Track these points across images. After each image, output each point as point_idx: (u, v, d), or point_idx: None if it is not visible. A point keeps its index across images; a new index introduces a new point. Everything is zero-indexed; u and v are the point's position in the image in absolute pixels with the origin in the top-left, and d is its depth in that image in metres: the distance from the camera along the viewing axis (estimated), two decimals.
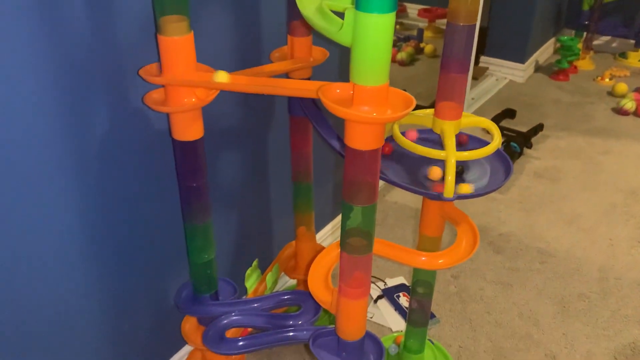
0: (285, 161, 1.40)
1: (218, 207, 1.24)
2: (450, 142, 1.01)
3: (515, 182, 2.12)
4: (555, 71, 2.99)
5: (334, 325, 0.97)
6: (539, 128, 2.40)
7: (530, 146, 2.30)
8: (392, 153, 1.13)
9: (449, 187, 0.98)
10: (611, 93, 2.80)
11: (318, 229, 1.67)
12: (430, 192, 1.00)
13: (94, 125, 0.93)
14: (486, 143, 1.06)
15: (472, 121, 1.09)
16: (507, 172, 1.07)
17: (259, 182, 1.38)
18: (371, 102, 0.70)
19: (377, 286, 1.62)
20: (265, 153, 1.36)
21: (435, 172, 1.05)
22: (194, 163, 0.97)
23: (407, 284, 1.63)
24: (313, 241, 1.43)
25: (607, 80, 2.93)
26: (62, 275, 0.97)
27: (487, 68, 2.99)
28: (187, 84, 0.88)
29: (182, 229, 1.15)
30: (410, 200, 2.01)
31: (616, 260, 1.73)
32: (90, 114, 0.92)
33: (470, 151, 1.01)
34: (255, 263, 1.31)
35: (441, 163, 1.08)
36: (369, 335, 0.98)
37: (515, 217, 1.93)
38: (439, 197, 1.00)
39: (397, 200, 2.01)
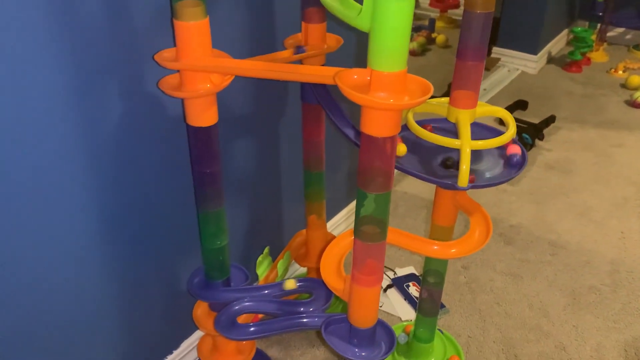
0: (297, 149, 1.40)
1: (230, 194, 1.25)
2: (465, 131, 1.00)
3: (527, 173, 2.11)
4: (568, 63, 2.97)
5: (345, 313, 0.97)
6: (550, 120, 2.38)
7: (542, 138, 2.29)
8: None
9: (463, 177, 0.97)
10: (624, 85, 2.78)
11: (330, 217, 1.67)
12: (443, 181, 1.00)
13: (108, 110, 0.93)
14: (500, 133, 1.06)
15: (486, 110, 1.08)
16: (523, 160, 1.07)
17: (270, 170, 1.38)
18: (388, 89, 0.70)
19: (387, 276, 1.62)
20: (278, 141, 1.36)
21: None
22: (208, 149, 0.97)
23: (417, 274, 1.63)
24: (324, 229, 1.43)
25: (620, 72, 2.90)
26: (75, 262, 0.98)
27: (499, 59, 2.96)
28: (202, 69, 0.87)
29: (195, 215, 1.16)
30: (421, 190, 2.00)
31: (627, 253, 1.72)
32: (104, 98, 0.92)
33: (485, 140, 1.01)
34: (266, 250, 1.31)
35: (455, 152, 1.08)
36: (380, 323, 0.99)
37: (526, 209, 1.92)
38: (452, 187, 0.99)
39: (407, 190, 2.01)
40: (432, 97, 1.11)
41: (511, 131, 1.03)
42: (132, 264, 1.09)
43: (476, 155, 1.08)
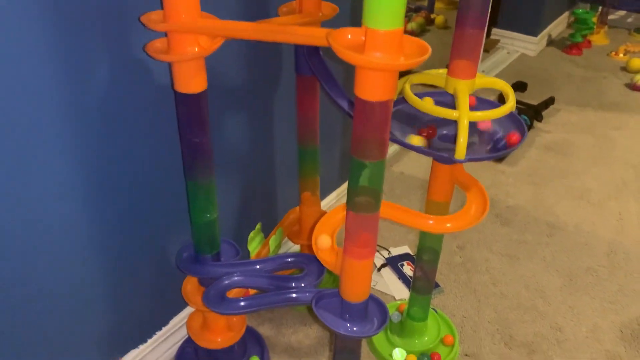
0: (291, 123, 1.37)
1: (221, 168, 1.21)
2: (464, 101, 0.97)
3: (525, 155, 2.08)
4: (568, 45, 2.93)
5: (337, 288, 0.95)
6: (550, 101, 2.35)
7: (540, 119, 2.26)
8: (400, 112, 1.09)
9: (461, 149, 0.94)
10: (625, 68, 2.74)
11: (323, 196, 1.64)
12: (440, 153, 0.97)
13: (93, 76, 0.90)
14: (498, 106, 1.02)
15: (486, 82, 1.05)
16: (521, 135, 1.04)
17: (263, 144, 1.35)
18: (384, 48, 0.66)
19: (381, 255, 1.60)
20: (271, 114, 1.32)
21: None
22: (197, 117, 0.94)
23: (412, 254, 1.61)
24: (318, 206, 1.40)
25: (621, 55, 2.87)
26: (60, 234, 0.95)
27: (499, 40, 2.92)
28: (190, 30, 0.84)
29: (185, 187, 1.13)
30: (417, 170, 1.97)
31: (625, 235, 1.70)
32: (89, 63, 0.88)
33: (483, 111, 0.98)
34: (258, 226, 1.28)
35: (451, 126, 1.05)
36: (373, 299, 0.96)
37: (523, 190, 1.89)
38: (449, 159, 0.96)
39: (403, 170, 1.98)
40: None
41: (511, 103, 1.00)
42: (119, 238, 1.06)
43: (473, 128, 1.05)
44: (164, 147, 1.07)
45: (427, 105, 0.98)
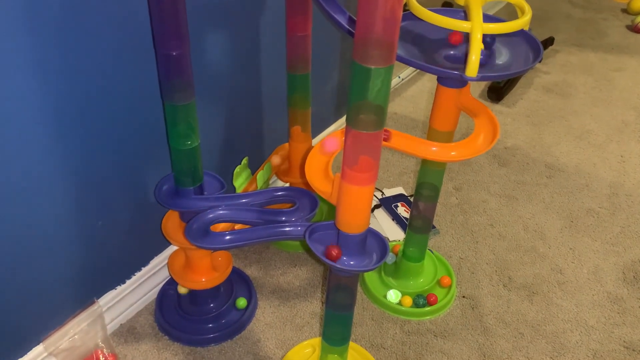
0: (280, 46, 1.25)
1: (201, 95, 1.10)
2: (477, 12, 0.86)
3: (523, 95, 1.99)
4: None
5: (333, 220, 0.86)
6: (549, 41, 2.25)
7: (540, 60, 2.16)
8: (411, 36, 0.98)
9: (473, 66, 0.85)
10: (626, 10, 2.64)
11: (315, 134, 1.54)
12: (450, 70, 0.87)
13: None
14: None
15: None
16: (537, 54, 0.94)
17: (250, 71, 1.23)
18: None
19: (375, 196, 1.52)
20: (257, 34, 1.20)
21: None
22: (174, 25, 0.82)
23: (406, 195, 1.53)
24: (308, 142, 1.30)
25: None
26: (20, 161, 0.84)
27: None
28: None
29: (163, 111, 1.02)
30: (411, 110, 1.88)
31: (627, 177, 1.64)
32: None
33: (498, 23, 0.88)
34: (244, 161, 1.18)
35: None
36: (371, 232, 0.87)
37: (522, 131, 1.81)
38: (460, 78, 0.87)
39: (397, 110, 1.88)
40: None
41: (528, 16, 0.90)
42: (90, 165, 0.95)
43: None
44: (140, 61, 0.95)
45: (436, 16, 0.87)
